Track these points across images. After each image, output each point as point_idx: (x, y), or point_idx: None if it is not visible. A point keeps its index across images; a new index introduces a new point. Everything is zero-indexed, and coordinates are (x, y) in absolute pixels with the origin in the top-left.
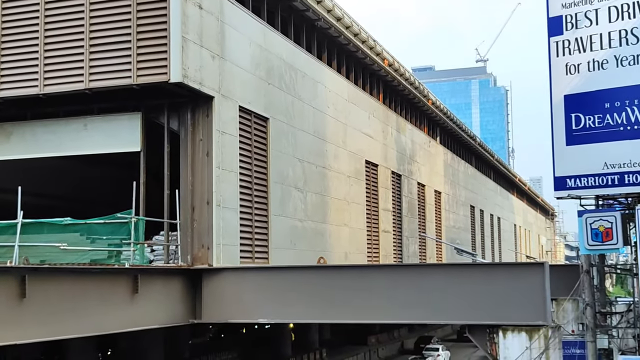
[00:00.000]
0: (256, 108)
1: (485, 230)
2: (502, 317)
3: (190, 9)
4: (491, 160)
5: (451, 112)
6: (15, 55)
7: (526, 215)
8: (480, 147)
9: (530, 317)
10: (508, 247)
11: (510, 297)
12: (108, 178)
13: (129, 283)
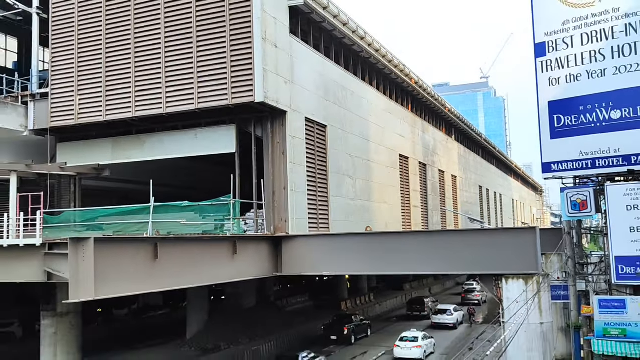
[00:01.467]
0: (318, 118)
1: (490, 204)
2: (504, 267)
3: (268, 48)
4: (493, 151)
5: (463, 116)
6: (147, 85)
7: (521, 192)
8: (485, 142)
9: (526, 267)
10: (508, 217)
11: (510, 252)
12: (213, 172)
13: (230, 247)
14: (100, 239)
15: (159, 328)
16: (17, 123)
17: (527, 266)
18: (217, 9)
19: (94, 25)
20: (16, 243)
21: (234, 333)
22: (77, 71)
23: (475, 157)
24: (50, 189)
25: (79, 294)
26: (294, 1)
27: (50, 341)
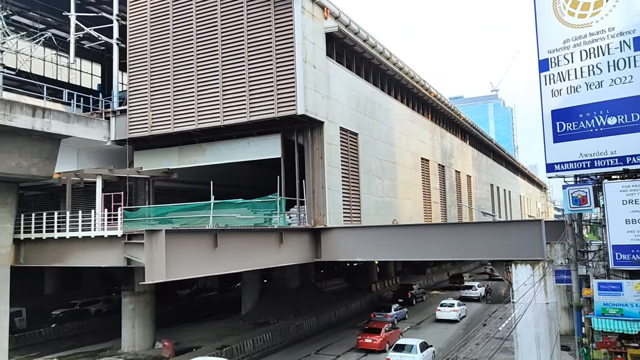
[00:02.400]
0: (350, 127)
1: (501, 200)
2: (514, 254)
3: (308, 68)
4: (503, 154)
5: (475, 124)
6: (207, 102)
7: (527, 189)
8: (495, 146)
9: (533, 254)
10: (516, 211)
11: (519, 241)
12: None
13: (277, 237)
14: (170, 231)
15: (215, 306)
16: (102, 135)
17: (533, 253)
18: (265, 35)
19: (163, 52)
20: (101, 234)
21: (280, 310)
22: (150, 91)
23: (487, 159)
24: (129, 189)
25: (153, 276)
26: (330, 28)
27: (129, 315)
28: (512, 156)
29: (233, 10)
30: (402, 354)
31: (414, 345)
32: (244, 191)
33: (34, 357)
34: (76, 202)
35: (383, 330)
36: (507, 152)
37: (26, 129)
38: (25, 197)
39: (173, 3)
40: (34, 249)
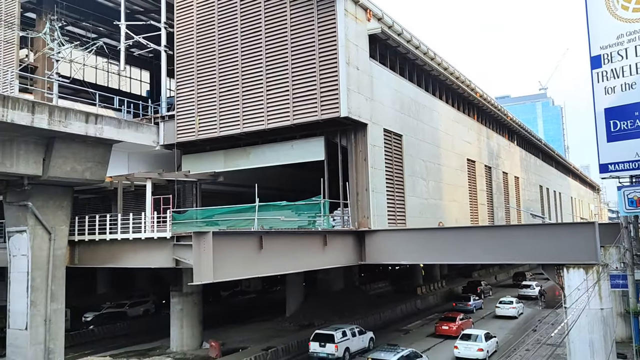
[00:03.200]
0: (394, 129)
1: (550, 202)
2: (565, 258)
3: (351, 71)
4: (552, 154)
5: (523, 123)
6: (251, 106)
7: (579, 190)
8: (544, 146)
9: (586, 258)
10: (567, 213)
11: (571, 244)
12: (305, 176)
13: (321, 240)
14: (217, 233)
15: (259, 307)
16: (151, 140)
17: (587, 257)
18: (308, 39)
19: (209, 58)
20: (151, 236)
21: (325, 312)
22: (197, 96)
23: (536, 160)
24: (177, 192)
25: (201, 277)
26: (373, 30)
27: (177, 315)
28: (563, 156)
29: (276, 15)
30: (468, 342)
31: (479, 335)
32: (287, 193)
33: (88, 354)
34: (127, 205)
35: (458, 319)
36: (556, 152)
37: (80, 134)
38: (80, 201)
39: (218, 10)
40: (88, 250)
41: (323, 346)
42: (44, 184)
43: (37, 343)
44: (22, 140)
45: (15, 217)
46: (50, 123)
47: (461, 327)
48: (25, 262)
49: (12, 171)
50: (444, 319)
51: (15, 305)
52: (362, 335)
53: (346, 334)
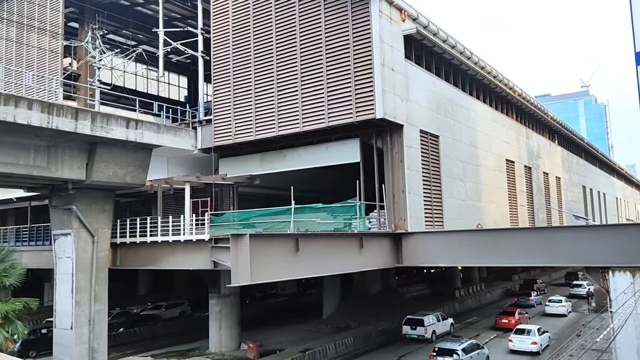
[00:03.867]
0: (430, 130)
1: (594, 203)
2: (611, 261)
3: (386, 72)
4: (596, 153)
5: (564, 122)
6: (287, 110)
7: (624, 191)
8: (587, 145)
9: (632, 260)
10: (612, 214)
11: (617, 247)
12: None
13: (357, 242)
14: (254, 235)
15: (295, 310)
16: (189, 144)
17: (633, 259)
18: (343, 41)
19: (244, 62)
20: (190, 238)
21: (362, 315)
22: (233, 101)
23: (578, 160)
24: (214, 195)
25: (238, 279)
26: (408, 30)
27: (216, 317)
28: (607, 156)
29: (311, 18)
30: (522, 336)
31: (533, 329)
32: (322, 196)
33: (130, 354)
34: (166, 207)
35: (517, 313)
36: (600, 151)
37: (121, 139)
38: (121, 204)
39: (254, 15)
40: (129, 252)
41: (414, 329)
42: (87, 188)
43: (81, 342)
44: (67, 146)
45: (60, 221)
46: (92, 129)
47: (519, 321)
48: (70, 264)
49: (57, 176)
50: (504, 312)
51: (61, 305)
52: (445, 321)
53: (432, 319)
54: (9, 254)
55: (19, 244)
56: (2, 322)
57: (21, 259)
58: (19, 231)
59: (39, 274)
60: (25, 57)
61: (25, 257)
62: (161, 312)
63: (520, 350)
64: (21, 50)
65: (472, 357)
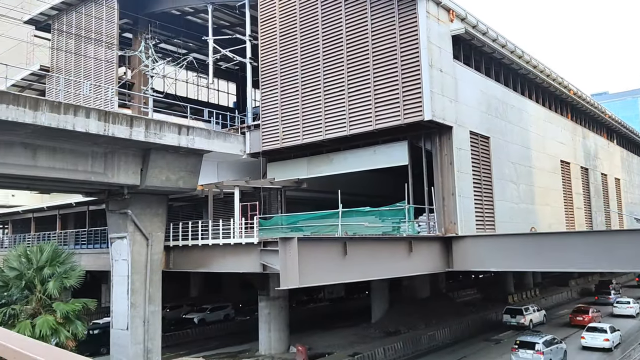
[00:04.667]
0: (480, 131)
1: None
2: None
3: (434, 73)
4: None
5: (624, 121)
6: (333, 113)
7: None
8: None
9: None
10: None
11: None
12: (388, 181)
13: (406, 246)
14: (302, 239)
15: (342, 313)
16: (238, 149)
17: None
18: (389, 43)
19: (291, 67)
20: (240, 242)
21: (411, 319)
22: (280, 106)
23: (639, 160)
24: (263, 199)
25: (287, 282)
26: (456, 31)
27: (265, 319)
28: None
29: (357, 21)
30: (594, 333)
31: (605, 327)
32: (369, 199)
33: (182, 354)
34: (217, 211)
35: (590, 311)
36: None
37: (173, 145)
38: (173, 208)
39: (300, 21)
40: (181, 255)
41: (514, 317)
42: (142, 193)
43: (137, 343)
44: (122, 152)
45: (116, 224)
46: (146, 135)
47: (592, 319)
48: (125, 266)
49: (114, 181)
50: (578, 310)
51: (117, 306)
52: (540, 312)
53: (529, 309)
54: (69, 256)
55: (78, 247)
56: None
57: (80, 261)
58: (78, 234)
59: (96, 275)
60: (83, 67)
61: (84, 259)
62: (206, 315)
63: (593, 347)
64: (79, 61)
65: (552, 350)
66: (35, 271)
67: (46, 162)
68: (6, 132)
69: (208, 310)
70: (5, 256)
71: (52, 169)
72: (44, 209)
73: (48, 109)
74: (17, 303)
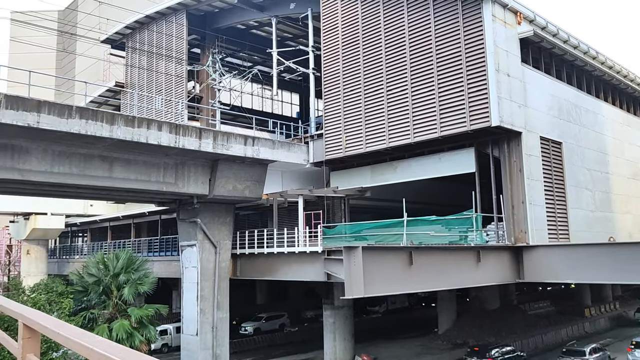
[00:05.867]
0: (552, 136)
1: None
2: None
3: (501, 77)
4: None
5: None
6: (397, 121)
7: None
8: None
9: None
10: None
11: None
12: (453, 189)
13: (474, 256)
14: (366, 248)
15: (406, 324)
16: (301, 158)
17: None
18: (454, 48)
19: (354, 76)
20: (304, 250)
21: (480, 331)
22: (343, 114)
23: None
24: (326, 208)
25: (352, 292)
26: (524, 33)
27: (330, 328)
28: None
29: (420, 26)
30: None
31: None
32: (432, 207)
33: None
34: (281, 220)
35: None
36: None
37: (240, 156)
38: (240, 217)
39: (363, 29)
40: (248, 263)
41: None
42: (210, 202)
43: (205, 348)
44: (192, 163)
45: (186, 233)
46: (214, 147)
47: None
48: (195, 273)
49: (184, 191)
50: None
51: (187, 312)
52: None
53: None
54: (143, 263)
55: (150, 255)
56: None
57: (153, 268)
58: (151, 242)
59: (167, 282)
60: (155, 82)
61: (156, 266)
62: (261, 324)
63: None
64: (151, 77)
65: None
66: (111, 277)
67: (121, 174)
68: (86, 146)
69: (263, 320)
70: (85, 263)
71: (126, 180)
72: (119, 218)
73: (123, 123)
74: (95, 308)
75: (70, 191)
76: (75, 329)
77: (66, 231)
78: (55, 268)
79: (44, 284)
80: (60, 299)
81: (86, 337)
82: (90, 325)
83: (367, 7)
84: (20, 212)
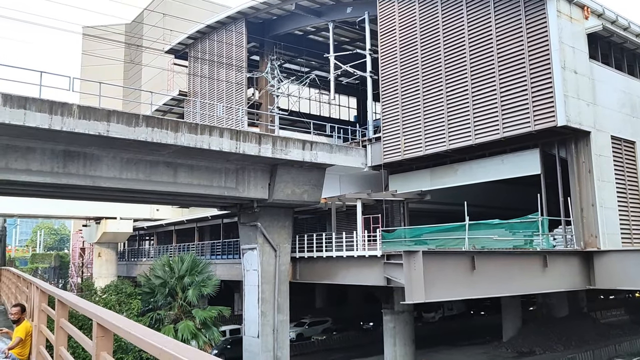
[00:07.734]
0: (624, 135)
1: None
2: None
3: (568, 75)
4: None
5: None
6: (457, 123)
7: None
8: None
9: None
10: None
11: None
12: (519, 192)
13: (540, 261)
14: (427, 252)
15: (466, 330)
16: (359, 162)
17: None
18: (516, 46)
19: (412, 78)
20: (363, 254)
21: (547, 340)
22: (401, 117)
23: None
24: (385, 211)
25: (412, 296)
26: (592, 28)
27: (390, 333)
28: None
29: (480, 25)
30: None
31: None
32: (494, 211)
33: None
34: (339, 224)
35: None
36: None
37: (298, 160)
38: (298, 221)
39: (420, 30)
40: (307, 266)
41: None
42: (270, 206)
43: (267, 350)
44: (251, 169)
45: (247, 236)
46: (273, 152)
47: None
48: (256, 276)
49: (244, 195)
50: None
51: (249, 314)
52: None
53: None
54: (206, 266)
55: (213, 257)
56: (201, 328)
57: (215, 270)
58: (213, 246)
59: (229, 284)
60: (216, 90)
61: (219, 269)
62: (304, 330)
63: None
64: (213, 85)
65: None
66: (176, 280)
67: (185, 179)
68: (151, 153)
69: (306, 325)
70: (152, 265)
71: (190, 185)
72: (184, 222)
73: (187, 130)
74: (161, 309)
75: (138, 196)
76: (145, 329)
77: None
78: (124, 270)
79: (114, 286)
80: (129, 300)
81: (156, 337)
82: (157, 325)
83: (425, 8)
84: (92, 217)
